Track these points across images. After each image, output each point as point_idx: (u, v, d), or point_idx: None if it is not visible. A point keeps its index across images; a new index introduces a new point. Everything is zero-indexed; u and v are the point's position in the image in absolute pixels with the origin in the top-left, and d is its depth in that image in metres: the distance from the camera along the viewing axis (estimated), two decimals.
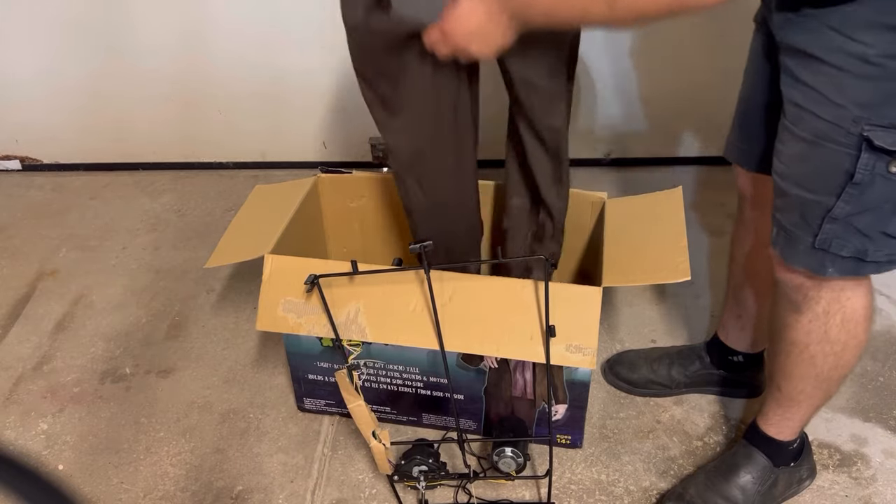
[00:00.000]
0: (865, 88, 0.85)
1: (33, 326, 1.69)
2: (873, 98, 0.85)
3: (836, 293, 1.02)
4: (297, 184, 1.49)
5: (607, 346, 1.58)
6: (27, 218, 2.07)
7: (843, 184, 0.91)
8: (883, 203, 0.91)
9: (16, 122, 2.19)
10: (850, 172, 0.90)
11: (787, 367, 1.12)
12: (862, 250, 0.95)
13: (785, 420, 1.19)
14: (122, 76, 2.07)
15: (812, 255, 0.98)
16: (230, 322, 1.68)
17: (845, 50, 0.85)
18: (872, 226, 0.93)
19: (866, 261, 0.96)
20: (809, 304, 1.04)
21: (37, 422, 1.46)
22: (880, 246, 0.94)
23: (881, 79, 0.84)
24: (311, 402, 1.43)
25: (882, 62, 0.83)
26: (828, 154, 0.91)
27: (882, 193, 0.90)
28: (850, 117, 0.87)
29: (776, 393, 1.17)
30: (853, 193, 0.91)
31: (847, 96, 0.87)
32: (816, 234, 0.96)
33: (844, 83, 0.87)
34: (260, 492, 1.31)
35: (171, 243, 1.95)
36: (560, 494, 1.29)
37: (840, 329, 1.04)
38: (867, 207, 0.92)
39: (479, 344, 1.20)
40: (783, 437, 1.21)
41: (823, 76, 0.88)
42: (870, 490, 1.29)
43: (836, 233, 0.94)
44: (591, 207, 1.43)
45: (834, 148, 0.90)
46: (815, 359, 1.08)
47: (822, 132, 0.90)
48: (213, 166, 2.26)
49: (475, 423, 1.36)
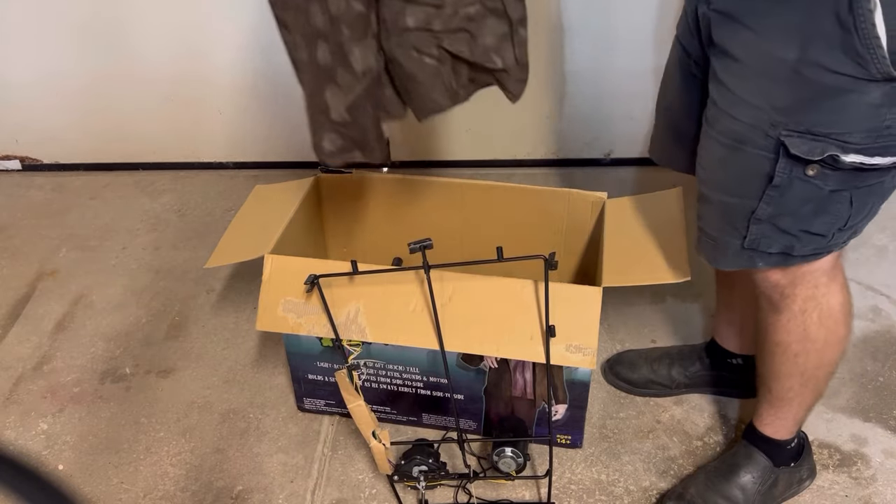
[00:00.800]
0: (782, 92, 0.86)
1: (33, 326, 1.69)
2: (790, 103, 0.86)
3: (811, 290, 1.03)
4: (297, 184, 1.49)
5: (607, 346, 1.58)
6: (27, 218, 2.07)
7: (764, 186, 0.92)
8: (803, 204, 0.92)
9: (16, 122, 2.19)
10: (770, 175, 0.91)
11: (773, 368, 1.13)
12: (789, 247, 0.96)
13: (778, 420, 1.19)
14: (122, 76, 2.07)
15: (741, 254, 0.99)
16: (230, 322, 1.68)
17: (763, 52, 0.86)
18: (795, 226, 0.94)
19: (793, 255, 0.97)
20: (786, 303, 1.05)
21: (37, 422, 1.46)
22: (805, 243, 0.96)
23: (798, 84, 0.84)
24: (311, 402, 1.43)
25: (799, 68, 0.84)
26: (746, 158, 0.91)
27: (802, 195, 0.91)
28: (767, 120, 0.88)
29: (767, 394, 1.18)
30: (773, 196, 0.92)
31: (764, 98, 0.87)
32: (745, 235, 0.97)
33: (762, 85, 0.87)
34: (260, 492, 1.31)
35: (171, 243, 1.95)
36: (560, 494, 1.29)
37: (818, 326, 1.05)
38: (788, 209, 0.93)
39: (479, 344, 1.20)
40: (780, 436, 1.21)
41: (741, 77, 0.89)
42: (870, 490, 1.29)
43: (763, 232, 0.96)
44: (591, 207, 1.43)
45: (752, 151, 0.91)
46: (797, 357, 1.09)
47: (740, 135, 0.91)
48: (213, 166, 2.25)
49: (475, 423, 1.36)
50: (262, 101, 2.11)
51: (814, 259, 0.99)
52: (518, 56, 1.03)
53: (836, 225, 0.95)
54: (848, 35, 0.80)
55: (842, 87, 0.83)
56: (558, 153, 2.16)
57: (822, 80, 0.83)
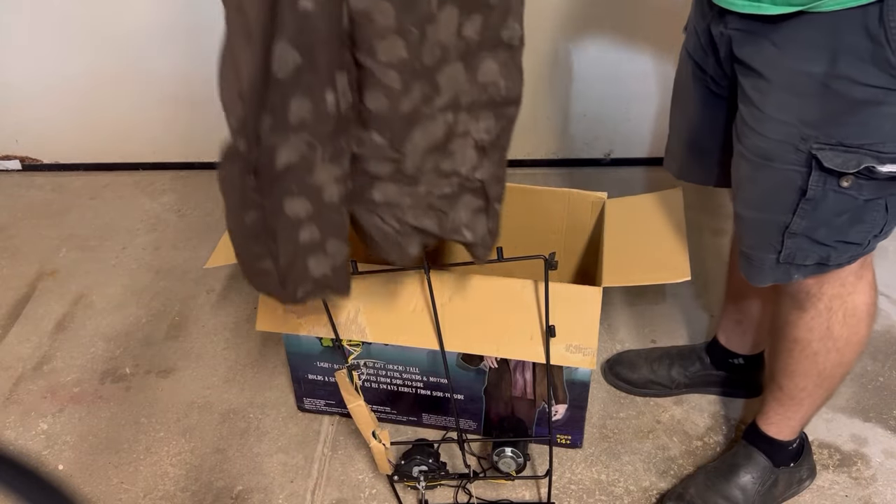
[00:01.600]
0: (811, 107, 0.85)
1: (33, 326, 1.69)
2: (820, 117, 0.85)
3: (838, 289, 1.02)
4: None
5: (607, 346, 1.58)
6: (27, 218, 2.07)
7: (797, 200, 0.91)
8: (838, 215, 0.92)
9: (16, 122, 2.18)
10: (803, 189, 0.90)
11: (789, 366, 1.12)
12: (825, 258, 0.96)
13: (786, 420, 1.19)
14: (122, 76, 2.07)
15: (777, 269, 0.99)
16: (230, 322, 1.68)
17: (789, 67, 0.85)
18: (830, 236, 0.94)
19: (829, 265, 0.97)
20: (812, 301, 1.04)
21: (37, 422, 1.46)
22: (841, 252, 0.96)
23: (827, 98, 0.84)
24: (311, 402, 1.43)
25: (828, 82, 0.83)
26: (776, 174, 0.91)
27: (836, 206, 0.91)
28: (797, 135, 0.87)
29: (777, 392, 1.17)
30: (807, 209, 0.92)
31: (792, 113, 0.87)
32: (780, 250, 0.97)
33: (789, 101, 0.87)
34: (260, 492, 1.31)
35: (171, 243, 1.95)
36: (560, 494, 1.29)
37: (842, 325, 1.04)
38: (823, 221, 0.92)
39: (479, 344, 1.20)
40: (783, 436, 1.21)
41: (767, 93, 0.88)
42: (870, 490, 1.29)
43: (799, 246, 0.95)
44: (591, 207, 1.43)
45: (782, 167, 0.90)
46: (817, 356, 1.08)
47: (768, 151, 0.90)
48: (214, 166, 2.25)
49: (475, 423, 1.36)
50: None
51: (849, 263, 0.98)
52: (490, 228, 0.95)
53: (872, 232, 0.94)
54: (879, 47, 0.79)
55: (873, 99, 0.82)
56: (558, 153, 2.16)
57: (853, 93, 0.82)
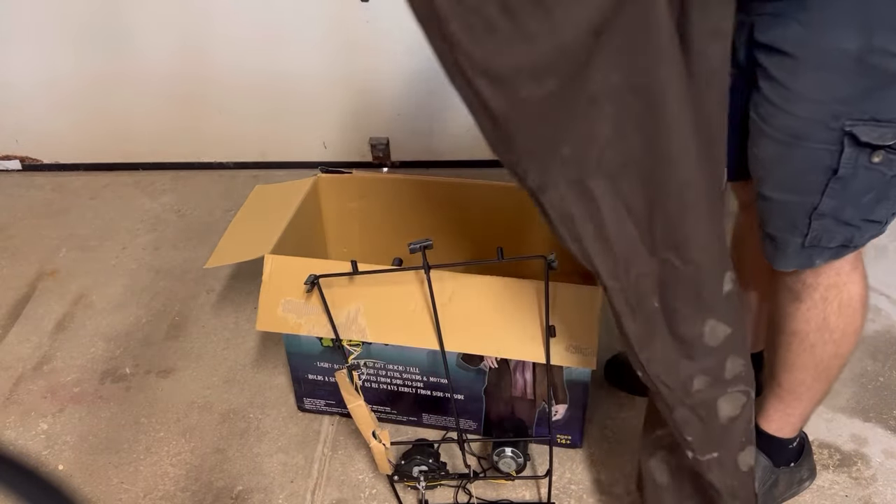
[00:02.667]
0: (845, 83, 0.85)
1: (33, 326, 1.69)
2: (854, 93, 0.85)
3: (834, 278, 1.02)
4: (297, 184, 1.49)
5: (607, 346, 1.58)
6: (27, 218, 2.07)
7: (826, 180, 0.91)
8: (866, 193, 0.92)
9: (16, 122, 2.18)
10: (833, 168, 0.90)
11: (788, 359, 1.12)
12: (848, 238, 0.96)
13: (786, 416, 1.19)
14: (122, 76, 2.07)
15: (801, 253, 0.98)
16: (230, 322, 1.68)
17: (821, 45, 0.85)
18: (857, 216, 0.94)
19: (850, 246, 0.97)
20: (808, 292, 1.04)
21: (37, 422, 1.46)
22: (864, 231, 0.96)
23: (862, 73, 0.84)
24: (311, 402, 1.43)
25: (863, 57, 0.83)
26: (806, 153, 0.91)
27: (866, 184, 0.91)
28: (828, 112, 0.87)
29: (777, 388, 1.17)
30: (836, 188, 0.91)
31: (825, 91, 0.86)
32: (806, 233, 0.96)
33: (821, 78, 0.86)
34: (260, 492, 1.31)
35: (171, 243, 1.95)
36: (560, 494, 1.29)
37: (838, 316, 1.05)
38: (851, 200, 0.92)
39: (479, 344, 1.20)
40: (784, 434, 1.21)
41: (796, 73, 0.88)
42: (870, 490, 1.29)
43: (825, 227, 0.95)
44: None
45: (812, 146, 0.90)
46: (815, 347, 1.08)
47: (797, 130, 0.90)
48: (213, 166, 2.25)
49: (475, 423, 1.36)
50: (262, 101, 2.11)
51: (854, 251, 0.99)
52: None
53: (893, 209, 0.94)
54: None
55: None
56: None
57: (890, 66, 0.83)
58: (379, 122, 2.14)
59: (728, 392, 0.91)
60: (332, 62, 2.01)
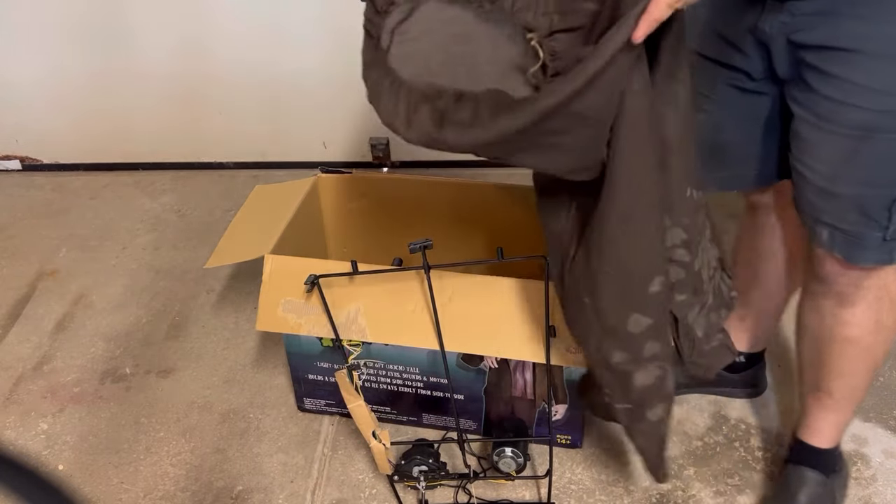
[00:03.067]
0: None
1: (33, 326, 1.69)
2: None
3: (884, 279, 1.01)
4: (297, 184, 1.49)
5: None
6: (27, 218, 2.07)
7: None
8: None
9: (16, 122, 2.18)
10: None
11: (842, 367, 1.09)
12: None
13: (835, 426, 1.17)
14: (122, 76, 2.07)
15: (882, 247, 0.96)
16: (230, 322, 1.68)
17: (886, 35, 0.84)
18: None
19: None
20: (862, 294, 1.02)
21: (37, 422, 1.46)
22: None
23: None
24: (311, 402, 1.43)
25: None
26: (881, 144, 0.89)
27: None
28: None
29: (827, 400, 1.14)
30: None
31: (893, 81, 0.85)
32: (887, 226, 0.94)
33: (887, 69, 0.85)
34: (260, 492, 1.31)
35: (171, 243, 1.95)
36: (560, 494, 1.29)
37: (888, 314, 1.04)
38: None
39: (479, 344, 1.20)
40: (833, 443, 1.19)
41: (860, 67, 0.86)
42: (870, 490, 1.29)
43: None
44: None
45: (886, 137, 0.88)
46: (870, 350, 1.07)
47: (869, 123, 0.88)
48: (213, 166, 2.25)
49: (475, 423, 1.36)
50: (262, 101, 2.11)
51: None
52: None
53: None
54: None
55: None
56: None
57: None
58: (379, 122, 2.13)
59: (645, 367, 0.98)
60: (333, 62, 2.01)
